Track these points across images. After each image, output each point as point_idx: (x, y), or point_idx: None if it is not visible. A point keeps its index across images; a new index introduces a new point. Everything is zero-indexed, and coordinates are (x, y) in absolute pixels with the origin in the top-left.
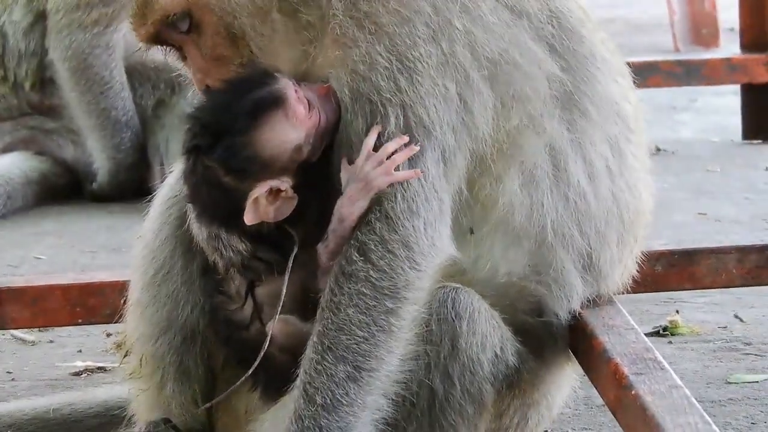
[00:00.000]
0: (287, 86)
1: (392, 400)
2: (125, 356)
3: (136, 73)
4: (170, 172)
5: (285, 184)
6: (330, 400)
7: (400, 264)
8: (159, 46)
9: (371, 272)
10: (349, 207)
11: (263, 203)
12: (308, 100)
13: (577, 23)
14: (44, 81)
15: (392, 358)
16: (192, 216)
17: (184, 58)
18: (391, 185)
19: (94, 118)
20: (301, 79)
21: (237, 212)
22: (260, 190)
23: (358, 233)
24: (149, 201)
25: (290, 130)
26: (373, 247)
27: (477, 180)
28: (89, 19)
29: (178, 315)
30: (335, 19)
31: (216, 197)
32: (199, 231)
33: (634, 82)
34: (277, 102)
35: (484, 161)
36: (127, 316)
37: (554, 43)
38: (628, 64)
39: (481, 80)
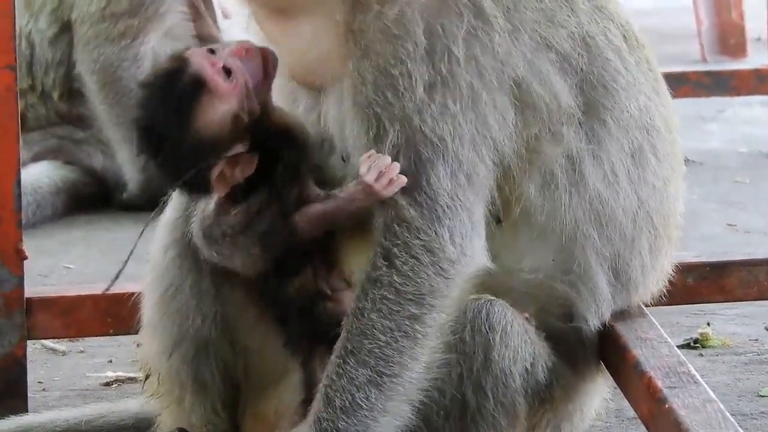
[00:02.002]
0: (201, 63)
1: (418, 408)
2: (147, 378)
3: None
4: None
5: (240, 150)
6: (349, 403)
7: (425, 270)
8: None
9: (395, 277)
10: (345, 204)
11: (227, 173)
12: (227, 67)
13: (608, 49)
14: (72, 91)
15: (416, 365)
16: (196, 239)
17: None
18: (412, 194)
19: (124, 131)
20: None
21: (209, 188)
22: (218, 169)
23: (383, 240)
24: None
25: (219, 106)
26: (397, 252)
27: (498, 184)
28: (116, 31)
29: (189, 327)
30: (338, 29)
31: (186, 183)
32: (203, 248)
33: None
34: (195, 85)
35: (505, 168)
36: (142, 336)
37: (578, 68)
38: None
39: (495, 100)
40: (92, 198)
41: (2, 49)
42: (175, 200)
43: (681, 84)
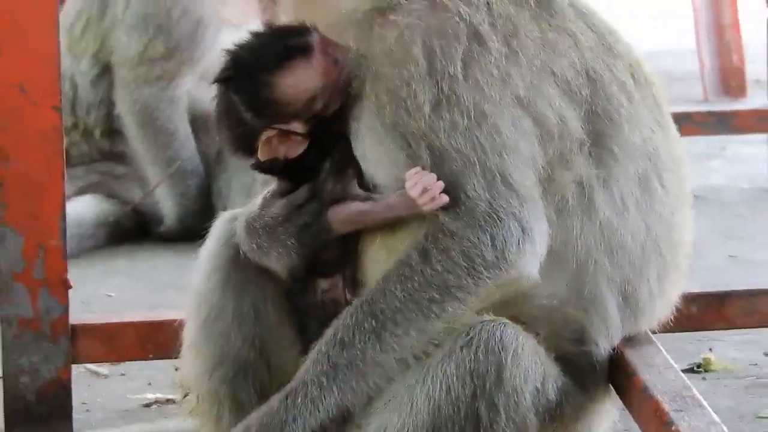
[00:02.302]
0: (317, 39)
1: (434, 422)
2: (185, 396)
3: (200, 123)
4: (215, 223)
5: (296, 129)
6: (348, 340)
7: (457, 270)
8: None
9: (427, 270)
10: (383, 209)
11: (275, 142)
12: (335, 57)
13: (613, 83)
14: (113, 129)
15: (420, 336)
16: (239, 234)
17: None
18: (453, 209)
19: (161, 167)
20: None
21: (252, 147)
22: (269, 134)
23: (423, 240)
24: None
25: (309, 78)
26: (435, 253)
27: None
28: (153, 74)
29: (229, 350)
30: (351, 52)
31: (235, 129)
32: (244, 243)
33: None
34: (304, 50)
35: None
36: (183, 358)
37: (583, 97)
38: None
39: (502, 113)
40: (131, 230)
41: (49, 92)
42: (216, 230)
43: (685, 123)
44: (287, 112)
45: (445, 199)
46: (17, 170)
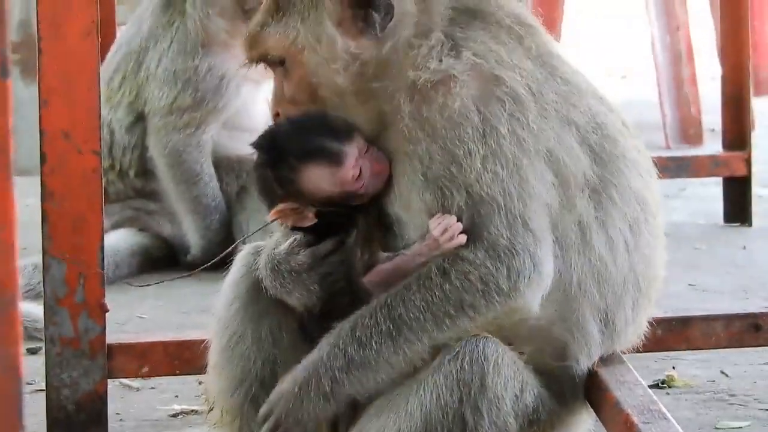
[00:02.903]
0: (352, 151)
1: (425, 426)
2: (210, 410)
3: (223, 165)
4: (239, 253)
5: (307, 211)
6: (365, 339)
7: (474, 291)
8: (257, 65)
9: (446, 285)
10: (411, 259)
11: (287, 212)
12: (362, 170)
13: (615, 132)
14: (145, 170)
15: (430, 342)
16: (262, 270)
17: (273, 75)
18: (475, 243)
19: (187, 204)
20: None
21: (271, 203)
22: (284, 206)
23: (442, 262)
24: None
25: (328, 184)
26: (453, 273)
27: None
28: (182, 122)
29: (250, 369)
30: (403, 120)
31: (262, 183)
32: (267, 279)
33: None
34: (333, 159)
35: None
36: (208, 377)
37: (593, 145)
38: None
39: (533, 164)
40: (162, 259)
41: (90, 138)
42: (237, 263)
43: None
44: (303, 197)
45: (463, 239)
46: (62, 207)
